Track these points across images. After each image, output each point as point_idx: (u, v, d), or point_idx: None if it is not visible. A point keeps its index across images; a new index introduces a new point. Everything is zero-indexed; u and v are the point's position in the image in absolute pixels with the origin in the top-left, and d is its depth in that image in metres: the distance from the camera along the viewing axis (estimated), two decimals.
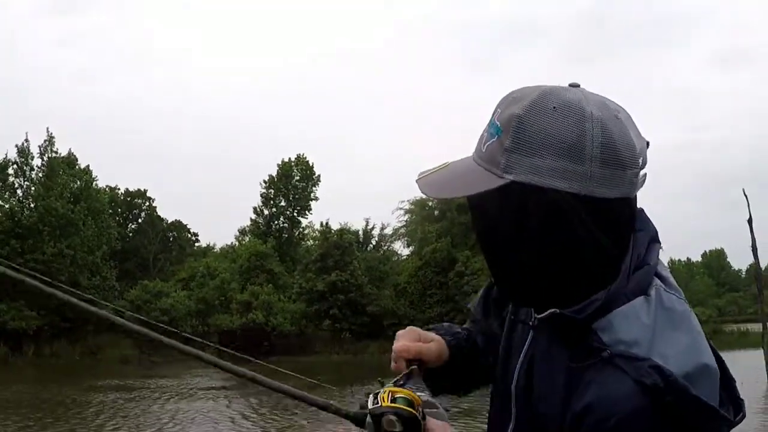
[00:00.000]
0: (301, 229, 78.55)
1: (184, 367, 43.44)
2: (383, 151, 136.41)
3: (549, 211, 1.41)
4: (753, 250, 29.78)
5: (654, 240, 1.53)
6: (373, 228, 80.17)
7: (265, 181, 77.30)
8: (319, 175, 77.38)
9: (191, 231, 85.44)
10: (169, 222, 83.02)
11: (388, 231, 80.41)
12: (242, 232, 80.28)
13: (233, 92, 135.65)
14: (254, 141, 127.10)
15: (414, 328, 1.77)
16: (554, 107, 1.40)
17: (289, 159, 77.22)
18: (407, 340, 1.70)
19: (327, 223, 69.13)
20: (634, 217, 1.50)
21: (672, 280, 1.50)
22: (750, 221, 29.63)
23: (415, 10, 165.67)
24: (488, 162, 1.45)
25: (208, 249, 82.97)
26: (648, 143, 1.49)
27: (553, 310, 1.49)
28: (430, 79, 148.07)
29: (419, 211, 71.07)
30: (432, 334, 1.78)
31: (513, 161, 1.41)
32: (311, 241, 76.12)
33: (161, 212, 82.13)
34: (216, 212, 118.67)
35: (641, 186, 1.47)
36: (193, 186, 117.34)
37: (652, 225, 1.55)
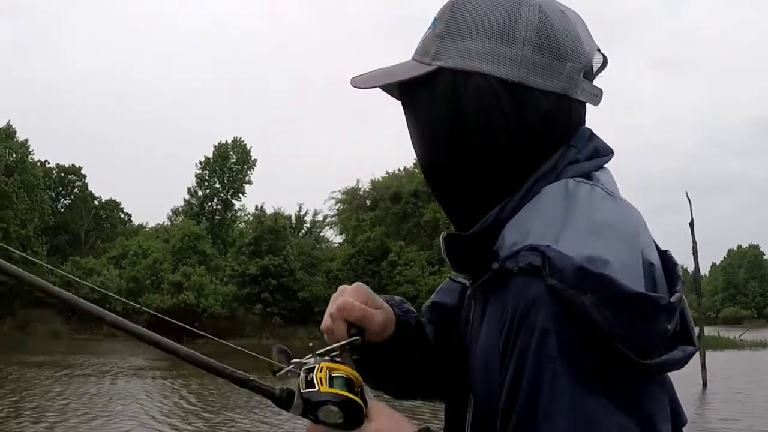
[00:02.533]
0: (234, 212, 78.45)
1: (113, 343, 43.38)
2: (317, 138, 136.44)
3: (474, 98, 1.28)
4: (693, 254, 30.59)
5: (596, 155, 1.33)
6: (305, 214, 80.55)
7: (200, 162, 77.13)
8: (255, 159, 77.56)
9: (124, 210, 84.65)
10: (103, 201, 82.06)
11: (320, 218, 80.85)
12: (175, 212, 79.86)
13: (172, 72, 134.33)
14: (191, 123, 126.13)
15: (362, 285, 1.46)
16: None
17: (226, 141, 77.20)
18: (352, 296, 1.40)
19: (262, 207, 69.29)
20: (570, 124, 1.32)
21: (605, 178, 1.30)
22: (692, 224, 30.36)
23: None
24: (421, 53, 1.36)
25: (140, 228, 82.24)
26: (605, 58, 1.37)
27: (444, 233, 1.36)
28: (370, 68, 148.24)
29: (351, 200, 71.42)
30: (381, 300, 1.47)
31: (443, 47, 1.32)
32: (243, 224, 76.12)
33: (94, 189, 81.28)
34: (149, 191, 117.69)
35: (592, 100, 1.34)
36: (128, 164, 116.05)
37: (599, 143, 1.35)
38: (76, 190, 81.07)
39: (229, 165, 76.43)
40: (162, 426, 18.08)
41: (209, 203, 77.40)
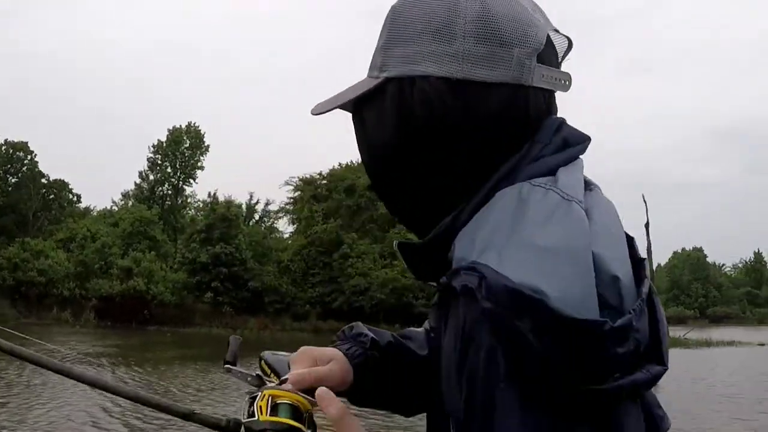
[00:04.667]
0: (185, 198, 78.00)
1: (62, 327, 42.91)
2: (273, 128, 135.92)
3: (421, 102, 1.21)
4: (648, 254, 30.99)
5: (565, 146, 1.23)
6: (257, 203, 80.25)
7: (153, 146, 76.62)
8: (208, 145, 77.28)
9: (73, 191, 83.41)
10: (51, 180, 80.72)
11: (273, 207, 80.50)
12: (125, 195, 79.18)
13: (127, 52, 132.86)
14: (145, 105, 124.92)
15: (307, 349, 1.42)
16: None
17: (180, 126, 76.69)
18: (301, 365, 1.35)
19: (215, 194, 68.91)
20: (529, 116, 1.22)
21: (568, 178, 1.17)
22: (647, 225, 30.69)
23: None
24: (371, 69, 1.30)
25: (87, 211, 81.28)
26: (570, 42, 1.30)
27: (397, 240, 1.32)
28: (326, 57, 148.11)
29: (305, 188, 71.31)
30: (330, 351, 1.43)
31: (387, 57, 1.26)
32: (194, 210, 75.76)
33: (43, 168, 79.85)
34: (99, 173, 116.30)
35: (557, 85, 1.25)
36: (79, 144, 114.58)
37: (569, 133, 1.25)
38: (24, 168, 79.03)
39: (181, 150, 76.04)
40: (111, 419, 18.02)
41: (160, 188, 76.99)
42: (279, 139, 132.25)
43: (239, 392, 23.44)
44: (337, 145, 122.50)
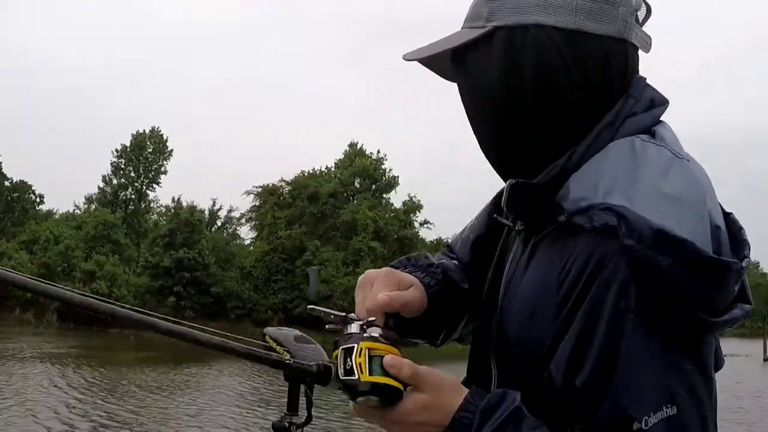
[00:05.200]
0: (148, 203, 77.97)
1: (24, 328, 42.90)
2: (236, 135, 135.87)
3: (534, 50, 1.29)
4: None
5: (653, 106, 1.35)
6: (219, 209, 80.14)
7: (117, 150, 76.34)
8: (171, 150, 77.15)
9: (36, 192, 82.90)
10: (14, 181, 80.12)
11: (236, 214, 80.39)
12: (89, 199, 78.83)
13: (94, 54, 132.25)
14: (109, 108, 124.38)
15: (391, 271, 1.49)
16: None
17: (144, 130, 76.54)
18: (386, 288, 1.40)
19: (179, 199, 68.90)
20: (627, 70, 1.34)
21: (670, 135, 1.30)
22: None
23: None
24: (473, 20, 1.37)
25: (50, 213, 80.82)
26: (649, 7, 1.38)
27: (512, 180, 1.38)
28: (294, 67, 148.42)
29: (268, 196, 71.40)
30: (408, 277, 1.49)
31: (496, 7, 1.32)
32: (156, 215, 75.69)
33: (6, 170, 79.30)
34: (63, 176, 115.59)
35: (644, 46, 1.37)
36: (42, 146, 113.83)
37: (655, 93, 1.37)
38: None
39: (145, 155, 75.85)
40: (71, 414, 18.36)
41: (124, 192, 76.66)
42: (242, 147, 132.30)
43: (200, 391, 23.97)
44: (301, 151, 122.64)
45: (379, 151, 74.83)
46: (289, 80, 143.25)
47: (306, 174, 72.76)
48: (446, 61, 1.43)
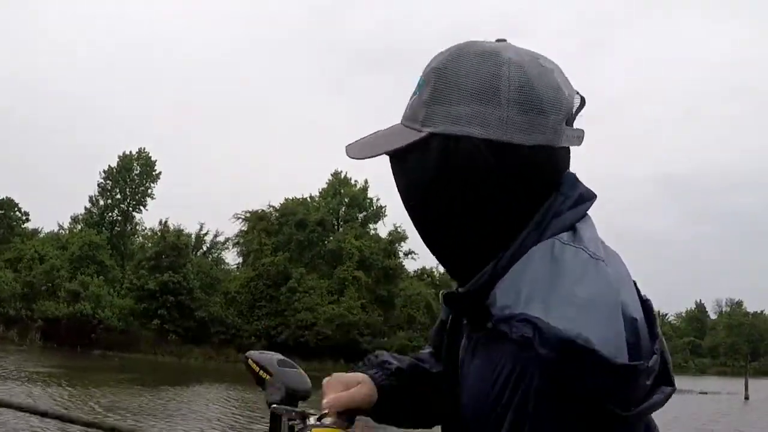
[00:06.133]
0: (133, 225, 77.90)
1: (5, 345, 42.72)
2: (225, 159, 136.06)
3: (465, 160, 1.32)
4: None
5: (580, 201, 1.38)
6: (206, 233, 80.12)
7: (104, 171, 76.45)
8: (159, 172, 77.41)
9: (22, 210, 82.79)
10: (0, 198, 79.90)
11: (221, 239, 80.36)
12: (75, 219, 78.75)
13: (83, 74, 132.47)
14: (98, 128, 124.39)
15: (337, 375, 1.57)
16: (472, 54, 1.35)
17: (130, 152, 76.74)
18: (333, 391, 1.50)
19: (165, 222, 68.96)
20: (557, 173, 1.38)
21: (588, 234, 1.33)
22: None
23: (277, 25, 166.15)
24: (410, 119, 1.40)
25: (35, 232, 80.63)
26: (583, 100, 1.41)
27: (444, 291, 1.45)
28: (282, 94, 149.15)
29: (257, 221, 71.47)
30: (358, 376, 1.58)
31: (431, 113, 1.35)
32: (141, 237, 75.66)
33: None
34: (50, 195, 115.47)
35: (575, 142, 1.39)
36: (29, 166, 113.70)
37: (583, 189, 1.41)
38: None
39: (132, 176, 76.02)
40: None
41: (110, 214, 76.69)
42: (229, 170, 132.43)
43: (181, 414, 24.10)
44: (289, 177, 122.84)
45: (366, 181, 75.45)
46: (276, 105, 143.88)
47: (293, 200, 72.95)
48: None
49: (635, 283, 1.35)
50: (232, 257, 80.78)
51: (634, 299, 1.28)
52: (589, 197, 1.41)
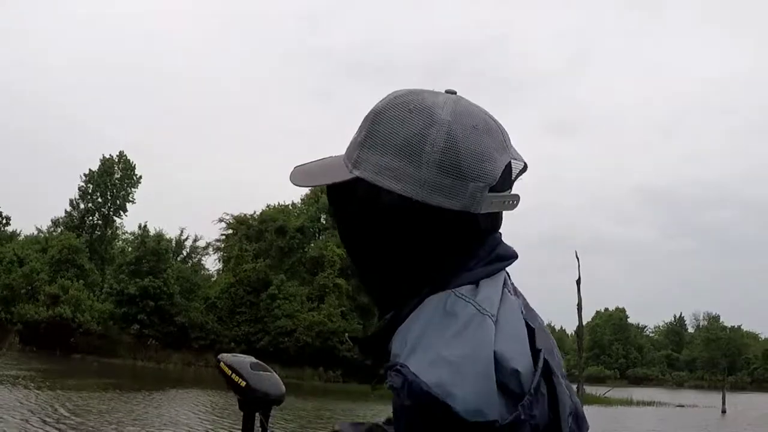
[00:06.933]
0: (114, 229, 77.71)
1: None
2: (207, 165, 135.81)
3: (382, 211, 1.36)
4: (578, 310, 30.93)
5: (495, 260, 1.40)
6: (186, 238, 79.98)
7: (85, 175, 76.30)
8: (140, 176, 77.26)
9: (2, 213, 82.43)
10: None
11: (201, 243, 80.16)
12: (55, 223, 78.43)
13: (67, 78, 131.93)
14: (79, 131, 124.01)
15: None
16: (409, 108, 1.36)
17: (111, 156, 76.60)
18: None
19: (145, 226, 68.87)
20: (473, 234, 1.38)
21: (487, 291, 1.33)
22: (578, 282, 31.05)
23: (261, 31, 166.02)
24: (347, 157, 1.42)
25: (15, 234, 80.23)
26: (525, 166, 1.43)
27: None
28: (267, 104, 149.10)
29: (238, 226, 71.39)
30: None
31: (362, 156, 1.38)
32: (121, 242, 75.47)
33: None
34: (31, 198, 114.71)
35: (505, 207, 1.40)
36: (10, 168, 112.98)
37: (502, 250, 1.42)
38: None
39: (113, 180, 75.79)
40: None
41: (90, 217, 76.52)
42: (209, 176, 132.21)
43: (148, 418, 23.98)
44: (272, 185, 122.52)
45: None
46: (259, 112, 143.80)
47: (273, 207, 72.96)
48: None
49: (533, 333, 1.34)
50: (212, 263, 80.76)
51: (519, 350, 1.27)
52: (506, 257, 1.42)
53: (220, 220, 72.88)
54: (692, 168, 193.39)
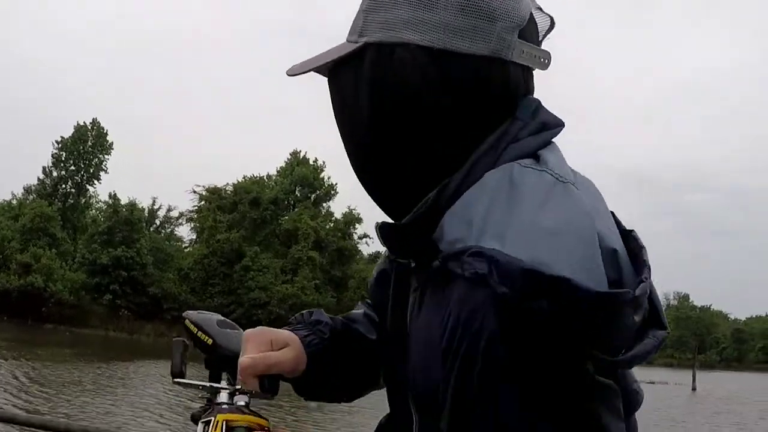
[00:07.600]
0: (87, 198, 77.20)
1: None
2: (181, 135, 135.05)
3: (399, 70, 1.17)
4: None
5: (544, 129, 1.20)
6: (159, 208, 79.70)
7: (57, 142, 75.49)
8: (111, 143, 76.34)
9: None
10: None
11: (174, 214, 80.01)
12: (27, 190, 77.76)
13: (41, 42, 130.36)
14: (54, 97, 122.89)
15: (263, 330, 1.41)
16: None
17: (84, 123, 75.72)
18: (254, 349, 1.34)
19: (115, 195, 68.57)
20: (509, 92, 1.19)
21: (554, 159, 1.14)
22: None
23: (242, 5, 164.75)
24: (351, 32, 1.25)
25: None
26: (553, 22, 1.27)
27: (380, 222, 1.24)
28: (250, 78, 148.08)
29: (211, 198, 71.01)
30: (286, 335, 1.41)
31: (368, 21, 1.21)
32: (95, 210, 75.06)
33: None
34: (2, 164, 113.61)
35: (535, 62, 1.21)
36: None
37: (548, 116, 1.22)
38: None
39: (86, 148, 75.07)
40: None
41: (63, 185, 75.97)
42: (184, 147, 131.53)
43: (111, 388, 23.92)
44: (243, 156, 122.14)
45: (316, 160, 75.07)
46: (238, 87, 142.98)
47: (248, 179, 72.75)
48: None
49: (614, 214, 1.20)
50: (186, 232, 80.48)
51: (612, 229, 1.11)
52: (555, 125, 1.23)
53: (193, 191, 72.40)
54: (673, 151, 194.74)
